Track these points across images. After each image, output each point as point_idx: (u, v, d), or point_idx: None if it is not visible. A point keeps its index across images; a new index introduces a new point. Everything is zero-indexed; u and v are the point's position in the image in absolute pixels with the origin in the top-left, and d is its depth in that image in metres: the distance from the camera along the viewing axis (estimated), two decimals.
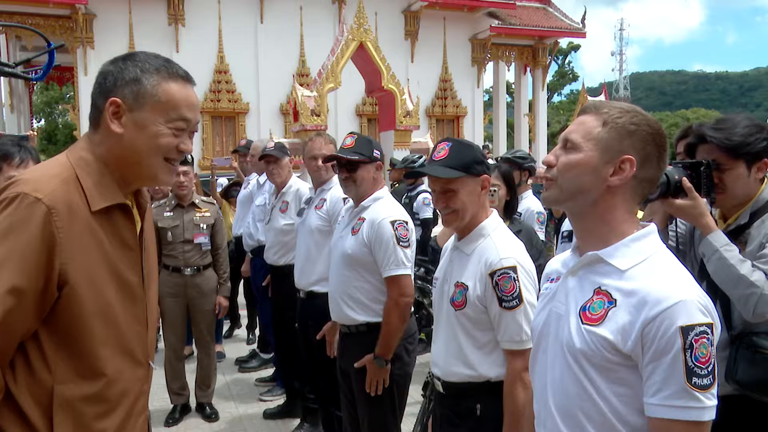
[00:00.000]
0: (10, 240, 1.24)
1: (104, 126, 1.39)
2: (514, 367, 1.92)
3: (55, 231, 1.27)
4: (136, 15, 15.66)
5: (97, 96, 1.41)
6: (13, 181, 1.31)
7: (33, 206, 1.26)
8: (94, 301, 1.34)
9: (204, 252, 4.44)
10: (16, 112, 18.80)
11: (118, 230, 1.41)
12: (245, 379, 5.38)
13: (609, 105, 1.33)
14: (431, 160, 2.03)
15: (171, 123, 1.40)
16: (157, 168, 1.42)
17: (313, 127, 11.75)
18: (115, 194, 1.40)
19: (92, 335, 1.34)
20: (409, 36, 18.26)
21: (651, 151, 1.29)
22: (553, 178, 1.33)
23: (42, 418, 1.30)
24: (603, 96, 19.04)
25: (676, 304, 1.15)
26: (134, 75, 1.38)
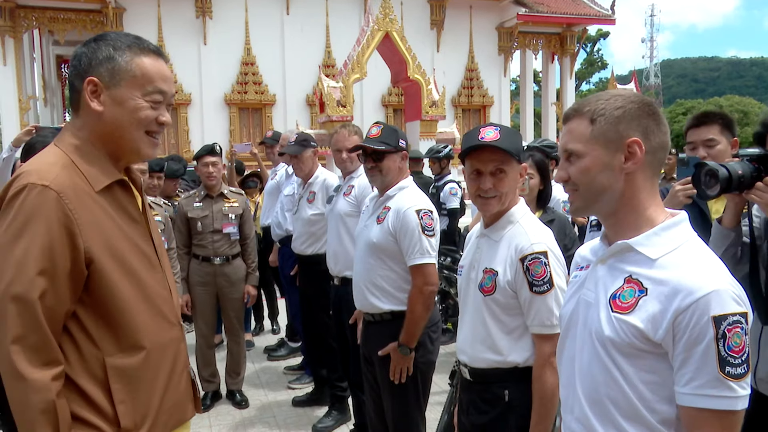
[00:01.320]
0: (30, 229, 1.30)
1: (84, 107, 1.44)
2: (543, 351, 1.93)
3: (69, 213, 1.33)
4: (165, 8, 15.83)
5: (73, 78, 1.45)
6: (16, 176, 1.37)
7: (43, 193, 1.32)
8: (121, 271, 1.41)
9: (233, 242, 4.51)
10: (50, 105, 19.21)
11: (123, 205, 1.48)
12: (274, 367, 5.45)
13: (587, 102, 1.33)
14: (477, 140, 1.95)
15: (148, 96, 1.45)
16: (140, 141, 1.47)
17: (339, 117, 11.78)
18: (112, 172, 1.47)
19: (127, 305, 1.41)
20: (435, 25, 18.14)
21: (647, 123, 1.29)
22: (574, 188, 1.33)
23: (101, 391, 1.38)
24: (633, 84, 18.68)
25: (708, 294, 1.14)
26: (107, 53, 1.43)
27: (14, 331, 1.29)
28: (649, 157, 1.28)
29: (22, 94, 15.59)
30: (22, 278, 1.29)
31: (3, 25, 14.93)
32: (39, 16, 15.35)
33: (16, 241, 1.31)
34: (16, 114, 15.37)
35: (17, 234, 1.31)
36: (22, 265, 1.30)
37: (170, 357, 1.52)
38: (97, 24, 15.52)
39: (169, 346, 1.52)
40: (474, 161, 1.99)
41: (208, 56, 16.11)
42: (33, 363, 1.29)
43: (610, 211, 1.32)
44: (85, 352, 1.38)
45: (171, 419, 1.52)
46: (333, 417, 4.15)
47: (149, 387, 1.45)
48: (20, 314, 1.29)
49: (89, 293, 1.38)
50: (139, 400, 1.43)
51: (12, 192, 1.34)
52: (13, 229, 1.31)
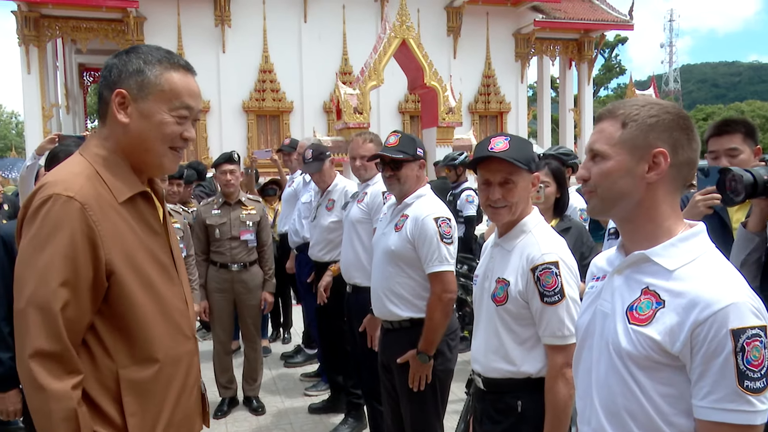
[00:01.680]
0: (54, 239, 1.31)
1: (111, 118, 1.44)
2: (555, 362, 1.92)
3: (92, 224, 1.34)
4: (185, 17, 16.05)
5: (102, 88, 1.46)
6: (41, 185, 1.37)
7: (67, 204, 1.32)
8: (139, 283, 1.41)
9: (250, 249, 4.54)
10: (72, 113, 19.53)
11: (144, 217, 1.48)
12: (291, 374, 5.48)
13: (623, 105, 1.31)
14: (486, 150, 1.97)
15: (174, 111, 1.45)
16: (164, 156, 1.47)
17: (355, 124, 11.83)
18: (135, 183, 1.47)
19: (144, 317, 1.42)
20: (452, 32, 18.16)
21: (679, 137, 1.27)
22: (592, 190, 1.32)
23: (111, 402, 1.39)
24: (652, 89, 18.52)
25: (727, 307, 1.13)
26: (137, 66, 1.43)
27: (36, 341, 1.29)
28: (674, 171, 1.27)
29: (45, 101, 15.88)
30: (44, 288, 1.30)
31: (28, 35, 15.23)
32: (62, 26, 15.65)
33: (40, 251, 1.31)
34: (40, 121, 15.66)
35: (41, 244, 1.32)
36: (45, 276, 1.30)
37: (183, 370, 1.52)
38: (119, 33, 15.78)
39: (183, 359, 1.52)
40: (484, 171, 2.01)
41: (226, 64, 16.29)
42: (53, 373, 1.30)
43: (625, 217, 1.31)
44: (99, 364, 1.39)
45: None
46: (349, 424, 4.16)
47: (160, 400, 1.45)
48: (42, 324, 1.29)
49: (108, 304, 1.39)
50: (150, 413, 1.43)
51: (37, 202, 1.34)
52: (37, 240, 1.32)
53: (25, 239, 1.35)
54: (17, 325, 1.32)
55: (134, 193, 1.46)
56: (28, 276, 1.32)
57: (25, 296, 1.31)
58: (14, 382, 2.40)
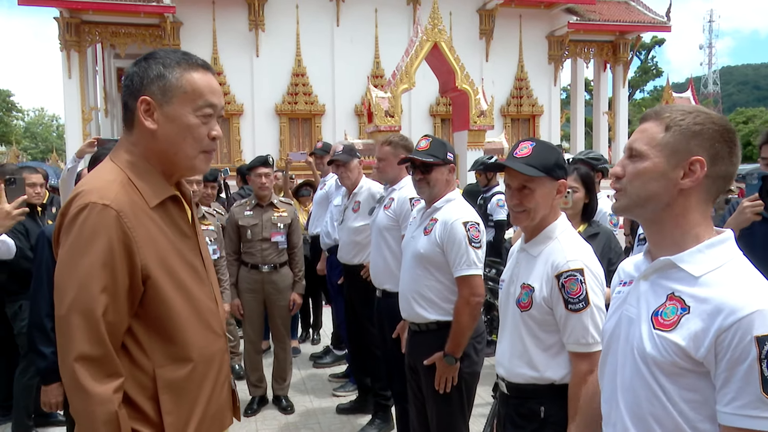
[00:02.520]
0: (92, 247, 1.35)
1: (138, 125, 1.47)
2: (579, 369, 1.92)
3: (128, 231, 1.38)
4: (219, 22, 16.33)
5: (127, 97, 1.48)
6: (77, 193, 1.40)
7: (103, 213, 1.36)
8: (173, 286, 1.46)
9: (281, 250, 4.61)
10: (110, 116, 20.04)
11: (174, 221, 1.52)
12: (319, 374, 5.53)
13: (670, 109, 1.31)
14: (512, 156, 2.02)
15: (199, 111, 1.47)
16: (194, 158, 1.50)
17: (387, 127, 11.87)
18: (165, 188, 1.50)
19: (178, 318, 1.46)
20: (484, 35, 18.09)
21: (720, 149, 1.26)
22: (622, 188, 1.33)
23: (148, 401, 1.43)
24: (690, 92, 18.12)
25: (752, 314, 1.13)
26: (158, 71, 1.46)
27: (79, 346, 1.33)
28: (709, 181, 1.27)
29: (85, 105, 16.33)
30: (86, 295, 1.34)
31: (69, 40, 15.70)
32: (102, 31, 16.07)
33: (79, 259, 1.35)
34: (80, 124, 16.12)
35: (80, 252, 1.35)
36: (86, 282, 1.34)
37: (215, 368, 1.56)
38: (156, 38, 16.14)
39: (215, 357, 1.56)
40: (506, 176, 2.05)
41: (260, 68, 16.52)
42: (96, 377, 1.34)
43: (651, 219, 1.31)
44: (138, 364, 1.43)
45: (212, 427, 1.58)
46: (376, 425, 4.19)
47: (195, 397, 1.50)
48: (85, 329, 1.33)
49: (144, 307, 1.43)
50: (185, 410, 1.47)
51: (73, 211, 1.38)
52: (76, 248, 1.36)
53: (63, 248, 1.38)
54: (60, 331, 1.36)
55: (164, 198, 1.49)
56: (68, 283, 1.35)
57: (66, 303, 1.34)
58: (57, 376, 2.48)
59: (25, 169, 4.21)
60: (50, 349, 2.47)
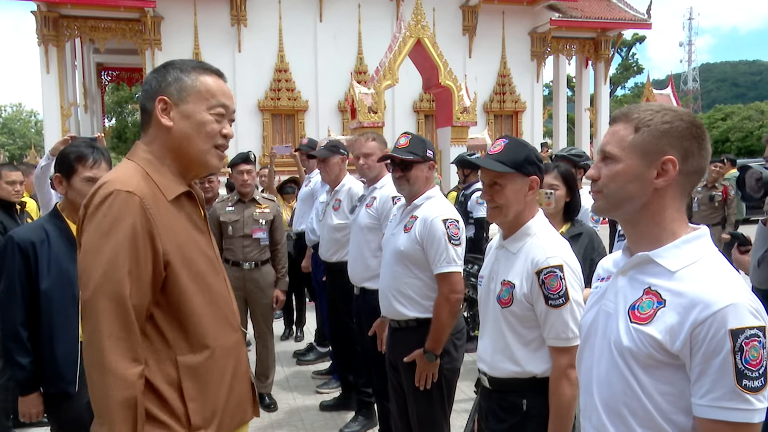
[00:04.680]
0: (117, 231, 1.40)
1: (155, 124, 1.56)
2: (559, 363, 1.95)
3: (150, 217, 1.44)
4: (201, 17, 16.18)
5: (145, 100, 1.58)
6: (100, 184, 1.46)
7: (128, 198, 1.42)
8: (191, 274, 1.51)
9: (263, 247, 4.58)
10: (90, 112, 19.78)
11: (190, 216, 1.59)
12: (303, 371, 5.53)
13: (637, 109, 1.33)
14: (487, 154, 2.07)
15: (212, 110, 1.57)
16: (208, 154, 1.58)
17: (370, 124, 11.85)
18: (181, 184, 1.58)
19: (197, 306, 1.51)
20: (467, 31, 18.13)
21: (690, 145, 1.29)
22: (599, 190, 1.35)
23: (173, 390, 1.46)
24: (670, 89, 18.33)
25: (726, 307, 1.15)
26: (175, 75, 1.56)
27: (108, 327, 1.36)
28: (682, 178, 1.29)
29: (63, 101, 16.09)
30: (113, 276, 1.38)
31: (47, 35, 15.45)
32: (81, 26, 15.85)
33: (105, 242, 1.39)
34: (58, 120, 15.88)
35: (105, 235, 1.40)
36: (113, 264, 1.38)
37: (233, 359, 1.60)
38: (136, 32, 15.96)
39: (233, 349, 1.60)
40: (480, 172, 2.12)
41: (242, 63, 16.40)
42: (124, 359, 1.37)
43: (630, 219, 1.34)
44: (160, 352, 1.46)
45: (234, 420, 1.61)
46: (359, 422, 4.19)
47: (216, 387, 1.53)
48: (113, 311, 1.37)
49: (164, 294, 1.47)
50: (208, 398, 1.51)
51: (98, 199, 1.43)
52: (101, 231, 1.40)
53: (88, 232, 1.42)
54: (86, 315, 1.38)
55: (180, 192, 1.56)
56: (94, 266, 1.38)
57: (92, 286, 1.37)
58: (34, 386, 2.43)
59: (4, 167, 4.14)
60: (27, 359, 2.38)
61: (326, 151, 4.32)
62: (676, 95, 18.54)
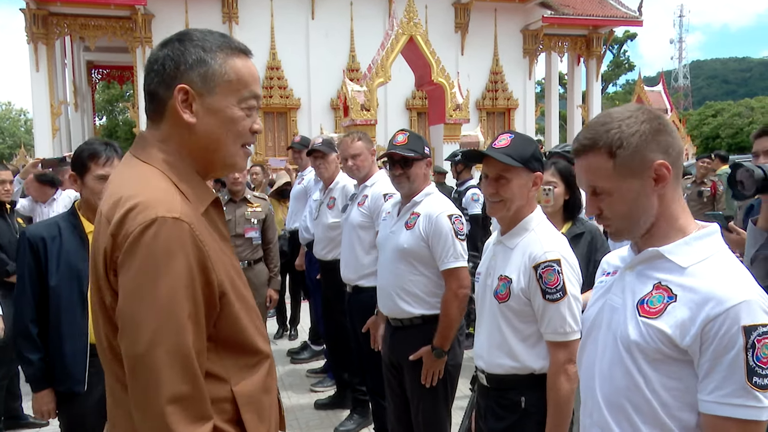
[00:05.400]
0: (171, 270, 1.14)
1: (171, 118, 1.25)
2: (557, 358, 1.94)
3: (201, 247, 1.18)
4: (192, 14, 16.10)
5: (156, 85, 1.25)
6: (132, 206, 1.15)
7: (176, 227, 1.15)
8: (236, 296, 1.29)
9: (255, 246, 4.55)
10: (80, 110, 19.65)
11: (217, 225, 1.33)
12: (297, 369, 5.50)
13: (596, 134, 1.29)
14: (490, 147, 2.04)
15: (244, 102, 1.28)
16: (236, 155, 1.31)
17: (363, 121, 11.84)
18: (208, 190, 1.31)
19: (246, 329, 1.30)
20: (460, 28, 18.13)
21: (663, 139, 1.28)
22: (608, 222, 1.33)
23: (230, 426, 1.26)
24: (661, 86, 18.42)
25: (739, 304, 1.15)
26: (198, 56, 1.24)
27: (171, 387, 1.11)
28: (674, 170, 1.29)
29: (53, 99, 15.98)
30: (172, 325, 1.13)
31: (36, 32, 15.32)
32: (71, 23, 15.74)
33: (157, 284, 1.12)
34: (48, 118, 15.76)
35: (155, 275, 1.13)
36: (171, 311, 1.13)
37: (273, 374, 1.40)
38: (127, 30, 15.86)
39: (272, 363, 1.40)
40: (483, 166, 2.07)
41: None
42: (190, 421, 1.14)
43: (647, 230, 1.32)
44: (215, 392, 1.23)
45: None
46: (354, 420, 4.18)
47: (268, 408, 1.35)
48: (176, 365, 1.12)
49: (216, 328, 1.24)
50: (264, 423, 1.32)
51: (137, 228, 1.13)
52: (149, 271, 1.13)
53: (129, 272, 1.14)
54: (138, 372, 1.13)
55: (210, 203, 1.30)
56: (146, 314, 1.12)
57: (146, 338, 1.11)
58: (46, 383, 2.42)
59: None
60: (37, 355, 2.38)
61: (327, 147, 4.29)
62: (667, 92, 18.62)
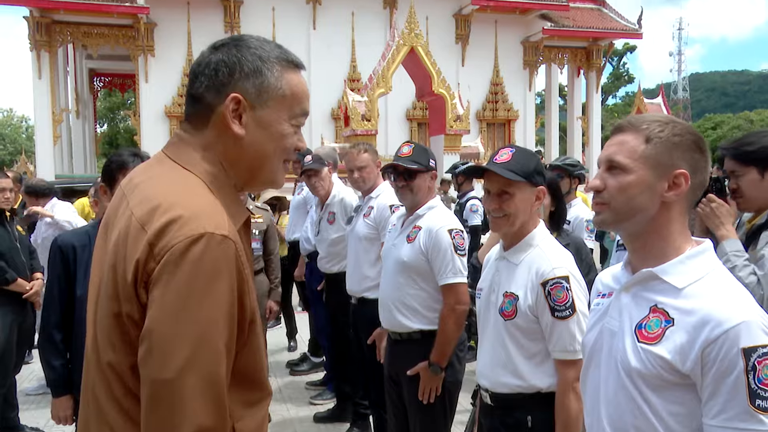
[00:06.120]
0: (214, 290, 1.05)
1: (217, 126, 1.18)
2: (566, 377, 1.91)
3: (243, 269, 1.11)
4: (195, 23, 16.16)
5: (205, 90, 1.17)
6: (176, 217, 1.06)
7: (224, 246, 1.07)
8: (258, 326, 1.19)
9: (256, 258, 4.54)
10: (81, 117, 19.69)
11: (244, 246, 1.19)
12: (296, 382, 5.47)
13: (645, 120, 1.30)
14: (492, 162, 2.02)
15: (294, 119, 1.23)
16: (278, 171, 1.25)
17: (363, 131, 11.86)
18: (243, 208, 1.23)
19: (260, 362, 1.21)
20: (460, 40, 18.21)
21: (698, 159, 1.28)
22: (605, 201, 1.31)
23: None
24: (660, 98, 18.47)
25: (738, 325, 1.13)
26: (255, 65, 1.18)
27: (198, 419, 1.02)
28: (690, 192, 1.28)
29: (55, 106, 16.01)
30: (209, 352, 1.04)
31: (39, 40, 15.38)
32: (74, 31, 15.80)
33: (197, 305, 1.04)
34: (50, 126, 15.79)
35: (198, 297, 1.04)
36: (208, 336, 1.04)
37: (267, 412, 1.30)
38: (129, 39, 15.92)
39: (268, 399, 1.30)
40: (485, 181, 2.05)
41: None
42: None
43: (635, 233, 1.31)
44: None
45: None
46: None
47: None
48: (206, 395, 1.03)
49: (236, 358, 1.14)
50: None
51: (182, 242, 1.04)
52: (192, 289, 1.04)
53: (168, 289, 1.04)
54: (164, 398, 1.03)
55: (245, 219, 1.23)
56: (181, 336, 1.03)
57: (178, 362, 1.02)
58: (66, 389, 2.47)
59: None
60: (59, 361, 2.44)
61: (318, 164, 4.28)
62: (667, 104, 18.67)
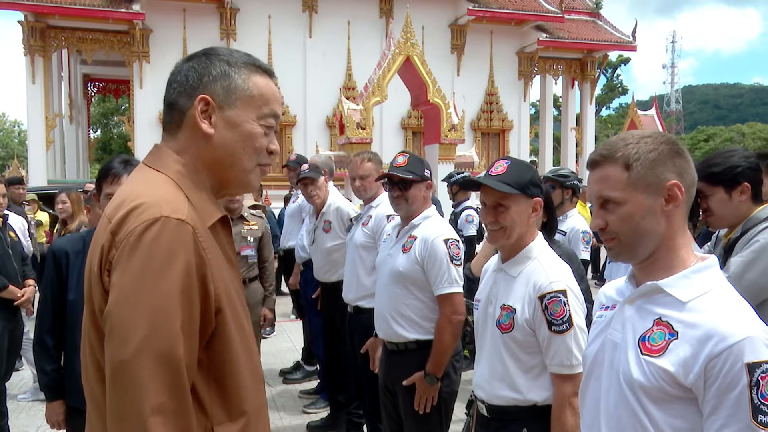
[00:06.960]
0: (169, 272, 1.08)
1: (189, 128, 1.24)
2: (562, 391, 1.91)
3: (203, 253, 1.14)
4: (190, 30, 16.14)
5: (177, 96, 1.25)
6: (134, 205, 1.12)
7: (180, 229, 1.11)
8: (236, 325, 1.21)
9: (251, 264, 4.51)
10: (75, 123, 19.60)
11: (223, 246, 1.26)
12: (289, 390, 5.43)
13: (615, 146, 1.31)
14: (487, 174, 2.02)
15: (263, 120, 1.27)
16: (251, 172, 1.29)
17: (358, 140, 11.86)
18: (217, 206, 1.27)
19: (238, 365, 1.21)
20: (456, 49, 18.28)
21: (680, 162, 1.29)
22: (612, 236, 1.31)
23: None
24: (654, 110, 18.59)
25: (742, 341, 1.13)
26: (222, 69, 1.25)
27: (155, 397, 1.04)
28: (686, 196, 1.29)
29: (49, 111, 15.92)
30: (164, 331, 1.06)
31: (34, 45, 15.32)
32: (68, 37, 15.74)
33: (152, 286, 1.07)
34: (43, 131, 15.71)
35: (153, 277, 1.07)
36: (164, 316, 1.07)
37: (263, 422, 1.30)
38: (124, 45, 15.89)
39: (263, 409, 1.30)
40: (482, 193, 2.05)
41: None
42: None
43: (649, 254, 1.30)
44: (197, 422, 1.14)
45: None
46: None
47: None
48: (164, 375, 1.05)
49: (208, 351, 1.16)
50: None
51: (138, 227, 1.09)
52: (146, 272, 1.07)
53: (125, 272, 1.09)
54: (122, 380, 1.05)
55: (219, 217, 1.26)
56: (136, 317, 1.06)
57: (133, 342, 1.05)
58: (59, 394, 2.51)
59: None
60: (51, 366, 2.50)
61: (315, 173, 4.27)
62: (660, 116, 18.79)
